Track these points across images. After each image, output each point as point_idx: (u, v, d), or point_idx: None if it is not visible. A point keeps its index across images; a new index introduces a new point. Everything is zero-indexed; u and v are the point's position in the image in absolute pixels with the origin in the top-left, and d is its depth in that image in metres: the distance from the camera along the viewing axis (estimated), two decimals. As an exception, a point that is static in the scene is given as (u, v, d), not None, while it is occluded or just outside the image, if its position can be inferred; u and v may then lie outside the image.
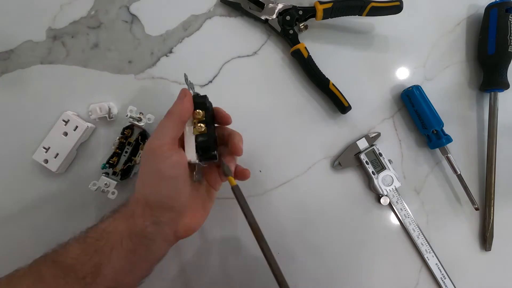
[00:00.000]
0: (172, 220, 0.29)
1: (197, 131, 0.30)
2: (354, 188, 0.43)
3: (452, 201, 0.44)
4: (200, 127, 0.30)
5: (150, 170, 0.28)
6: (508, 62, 0.43)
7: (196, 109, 0.30)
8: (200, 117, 0.30)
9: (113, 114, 0.39)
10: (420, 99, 0.41)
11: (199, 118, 0.30)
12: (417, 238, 0.42)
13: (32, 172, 0.38)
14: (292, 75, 0.43)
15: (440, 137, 0.41)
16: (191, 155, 0.29)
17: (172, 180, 0.28)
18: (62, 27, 0.40)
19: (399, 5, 0.40)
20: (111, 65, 0.41)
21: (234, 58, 0.42)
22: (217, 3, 0.43)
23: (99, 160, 0.39)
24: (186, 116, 0.29)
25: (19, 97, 0.39)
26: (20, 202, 0.38)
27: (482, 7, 0.45)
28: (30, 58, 0.40)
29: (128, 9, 0.41)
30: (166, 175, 0.28)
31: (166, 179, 0.28)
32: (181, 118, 0.29)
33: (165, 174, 0.28)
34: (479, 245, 0.43)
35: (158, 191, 0.28)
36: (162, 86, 0.41)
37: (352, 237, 0.41)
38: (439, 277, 0.41)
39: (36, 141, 0.38)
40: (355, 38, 0.44)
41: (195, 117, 0.30)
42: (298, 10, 0.41)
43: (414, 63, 0.45)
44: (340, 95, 0.41)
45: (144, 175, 0.29)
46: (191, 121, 0.30)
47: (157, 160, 0.27)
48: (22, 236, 0.38)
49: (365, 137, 0.42)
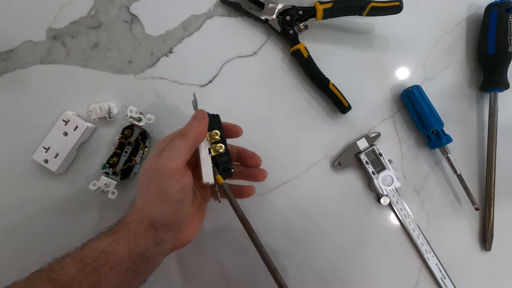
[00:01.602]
0: (173, 237, 0.29)
1: (216, 152, 0.29)
2: (354, 188, 0.43)
3: (452, 201, 0.44)
4: (219, 147, 0.29)
5: (157, 191, 0.27)
6: (508, 62, 0.43)
7: (212, 130, 0.30)
8: (218, 137, 0.29)
9: (113, 114, 0.39)
10: (420, 99, 0.41)
11: (215, 139, 0.29)
12: (417, 238, 0.42)
13: (32, 172, 0.38)
14: (292, 75, 0.43)
15: (440, 137, 0.41)
16: (209, 177, 0.29)
17: (180, 203, 0.28)
18: (62, 27, 0.40)
19: (399, 5, 0.40)
20: (111, 65, 0.41)
21: (234, 58, 0.42)
22: (217, 3, 0.43)
23: (99, 160, 0.39)
24: (201, 140, 0.29)
25: (19, 97, 0.39)
26: (20, 202, 0.38)
27: (482, 7, 0.45)
28: (30, 58, 0.40)
29: (128, 9, 0.41)
30: (175, 199, 0.27)
31: (174, 202, 0.27)
32: (197, 142, 0.29)
33: (174, 197, 0.27)
34: (479, 245, 0.43)
35: (165, 212, 0.28)
36: (162, 86, 0.41)
37: (352, 237, 0.41)
38: (439, 277, 0.41)
39: (36, 141, 0.38)
40: (355, 38, 0.44)
41: (213, 138, 0.29)
42: (298, 10, 0.41)
43: (414, 63, 0.45)
44: (340, 95, 0.41)
45: (148, 195, 0.28)
46: (206, 141, 0.29)
47: (166, 184, 0.27)
48: (22, 236, 0.38)
49: (365, 137, 0.42)
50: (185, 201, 0.28)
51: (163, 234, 0.28)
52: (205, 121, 0.29)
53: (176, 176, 0.27)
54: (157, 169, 0.27)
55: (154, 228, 0.28)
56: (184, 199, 0.28)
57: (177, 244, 0.31)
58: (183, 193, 0.28)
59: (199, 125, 0.29)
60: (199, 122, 0.29)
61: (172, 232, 0.29)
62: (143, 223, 0.28)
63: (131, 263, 0.27)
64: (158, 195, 0.27)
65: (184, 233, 0.31)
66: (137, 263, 0.27)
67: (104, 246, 0.27)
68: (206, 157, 0.29)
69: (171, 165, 0.27)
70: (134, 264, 0.27)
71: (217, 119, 0.30)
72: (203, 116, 0.29)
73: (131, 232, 0.28)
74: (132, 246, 0.27)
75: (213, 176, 0.29)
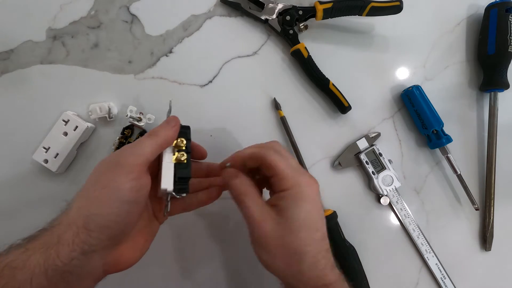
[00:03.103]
0: (106, 249, 0.24)
1: (177, 160, 0.28)
2: (354, 188, 0.43)
3: (452, 201, 0.44)
4: (182, 155, 0.28)
5: (105, 186, 0.23)
6: (508, 62, 0.43)
7: (179, 138, 0.29)
8: (183, 145, 0.29)
9: (113, 114, 0.39)
10: (420, 99, 0.41)
11: (181, 147, 0.29)
12: (417, 238, 0.42)
13: (32, 172, 0.39)
14: (292, 75, 0.43)
15: (440, 137, 0.41)
16: (168, 183, 0.27)
17: (130, 205, 0.24)
18: (62, 27, 0.40)
19: (399, 5, 0.40)
20: (111, 65, 0.41)
21: (234, 58, 0.42)
22: (217, 3, 0.43)
23: (99, 160, 0.39)
24: (168, 144, 0.27)
25: (19, 97, 0.39)
26: (20, 202, 0.38)
27: (482, 7, 0.45)
28: (30, 58, 0.40)
29: (128, 9, 0.41)
30: (125, 198, 0.23)
31: (122, 201, 0.23)
32: (164, 144, 0.27)
33: (125, 196, 0.23)
34: (479, 245, 0.43)
35: (107, 211, 0.23)
36: (162, 86, 0.41)
37: (352, 237, 0.41)
38: (439, 277, 0.41)
39: (36, 141, 0.38)
40: (355, 38, 0.44)
41: (178, 145, 0.29)
42: (298, 10, 0.41)
43: (414, 63, 0.45)
44: (340, 95, 0.41)
45: (93, 190, 0.24)
46: (171, 148, 0.29)
47: (121, 178, 0.23)
48: (21, 236, 0.38)
49: (365, 137, 0.42)
50: (136, 205, 0.24)
51: (96, 240, 0.23)
52: (176, 127, 0.28)
53: (134, 174, 0.24)
54: (114, 160, 0.24)
55: (87, 230, 0.22)
56: (136, 203, 0.24)
57: (111, 263, 0.25)
58: (137, 195, 0.24)
59: (170, 128, 0.28)
60: (170, 126, 0.28)
61: (107, 240, 0.23)
62: (74, 224, 0.23)
63: (46, 282, 0.21)
64: (107, 190, 0.23)
65: (122, 250, 0.25)
66: (54, 282, 0.21)
67: (11, 259, 0.22)
68: (168, 163, 0.28)
69: (132, 160, 0.24)
70: (50, 283, 0.21)
71: (187, 131, 0.30)
72: (176, 121, 0.29)
73: (53, 237, 0.23)
74: (50, 256, 0.22)
75: (172, 184, 0.27)
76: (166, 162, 0.28)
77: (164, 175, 0.27)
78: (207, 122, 0.41)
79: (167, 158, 0.28)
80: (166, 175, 0.27)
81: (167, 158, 0.28)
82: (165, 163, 0.28)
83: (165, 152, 0.28)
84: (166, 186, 0.27)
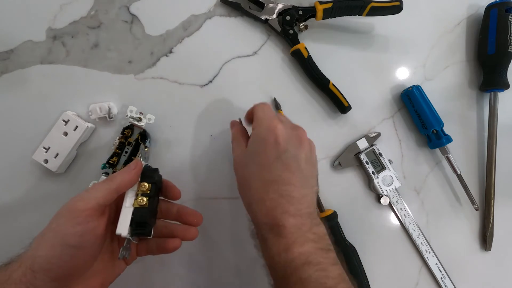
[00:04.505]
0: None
1: (137, 204, 0.28)
2: (354, 188, 0.43)
3: (452, 201, 0.44)
4: (141, 201, 0.28)
5: (55, 230, 0.25)
6: (508, 62, 0.43)
7: (142, 181, 0.29)
8: (145, 189, 0.28)
9: (113, 114, 0.39)
10: (420, 99, 0.41)
11: (143, 191, 0.28)
12: (417, 238, 0.42)
13: (32, 172, 0.38)
14: (292, 75, 0.43)
15: (440, 137, 0.41)
16: (123, 228, 0.27)
17: (74, 250, 0.24)
18: (62, 27, 0.40)
19: (399, 5, 0.40)
20: (111, 65, 0.41)
21: (234, 58, 0.42)
22: (217, 3, 0.43)
23: (99, 160, 0.39)
24: (125, 188, 0.28)
25: (19, 97, 0.39)
26: (20, 202, 0.38)
27: (482, 7, 0.45)
28: (30, 58, 0.40)
29: (128, 9, 0.41)
30: (69, 243, 0.24)
31: (66, 246, 0.24)
32: (119, 188, 0.27)
33: (68, 241, 0.24)
34: (479, 245, 0.43)
35: (51, 255, 0.24)
36: (162, 86, 0.41)
37: (352, 237, 0.41)
38: (439, 277, 0.41)
39: (36, 141, 0.38)
40: (355, 38, 0.44)
41: (140, 189, 0.28)
42: (298, 10, 0.41)
43: (414, 63, 0.45)
44: (340, 95, 0.41)
45: (44, 233, 0.25)
46: (134, 192, 0.29)
47: (67, 223, 0.24)
48: (21, 236, 0.38)
49: (365, 137, 0.42)
50: (82, 250, 0.25)
51: (40, 282, 0.23)
52: (136, 170, 0.28)
53: (81, 218, 0.24)
54: (66, 206, 0.25)
55: (32, 272, 0.23)
56: (80, 247, 0.25)
57: None
58: (81, 240, 0.24)
59: (128, 172, 0.28)
60: (130, 170, 0.28)
61: (51, 282, 0.24)
62: (24, 264, 0.24)
63: None
64: (53, 233, 0.24)
65: None
66: None
67: None
68: (127, 207, 0.28)
69: (80, 205, 0.25)
70: None
71: (154, 174, 0.30)
72: (136, 165, 0.28)
73: (6, 274, 0.24)
74: None
75: (128, 229, 0.27)
76: (125, 206, 0.28)
77: (121, 220, 0.27)
78: (207, 122, 0.41)
79: (127, 202, 0.28)
80: (123, 220, 0.27)
81: (127, 202, 0.28)
82: (124, 207, 0.28)
83: (127, 196, 0.28)
84: (120, 231, 0.27)
